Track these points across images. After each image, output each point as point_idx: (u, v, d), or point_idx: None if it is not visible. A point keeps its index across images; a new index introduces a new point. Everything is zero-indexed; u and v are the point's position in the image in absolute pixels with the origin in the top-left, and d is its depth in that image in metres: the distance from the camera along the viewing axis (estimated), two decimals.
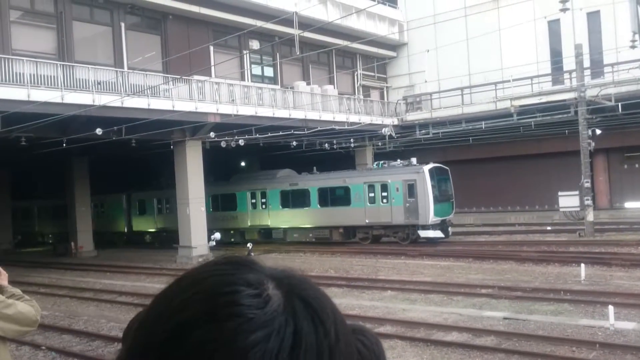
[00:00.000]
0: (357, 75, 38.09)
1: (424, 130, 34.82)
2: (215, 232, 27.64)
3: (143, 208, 37.16)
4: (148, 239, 36.82)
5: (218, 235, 27.48)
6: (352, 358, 0.68)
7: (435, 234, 26.46)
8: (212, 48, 28.00)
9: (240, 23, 27.56)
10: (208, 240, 26.90)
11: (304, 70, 34.14)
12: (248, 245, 25.96)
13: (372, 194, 27.90)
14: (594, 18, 33.42)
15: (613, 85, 28.70)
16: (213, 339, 0.61)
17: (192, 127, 25.20)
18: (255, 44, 31.35)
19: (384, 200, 27.51)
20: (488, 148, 34.15)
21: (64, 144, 22.71)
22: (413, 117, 36.35)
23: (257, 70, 32.14)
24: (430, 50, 36.25)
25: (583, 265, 16.47)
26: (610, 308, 11.26)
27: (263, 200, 31.63)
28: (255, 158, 39.73)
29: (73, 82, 21.00)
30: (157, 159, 30.98)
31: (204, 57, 27.63)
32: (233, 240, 31.69)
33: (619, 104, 27.33)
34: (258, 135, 26.20)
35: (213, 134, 25.41)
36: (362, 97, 36.15)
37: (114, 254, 31.54)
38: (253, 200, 32.00)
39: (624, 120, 28.62)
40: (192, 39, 26.86)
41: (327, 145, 31.63)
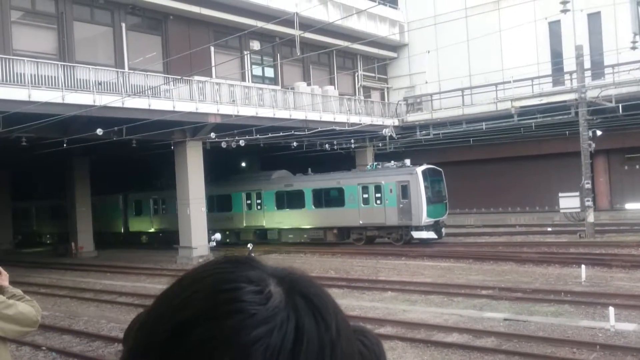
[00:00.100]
0: (357, 76, 38.11)
1: (425, 131, 34.83)
2: (216, 232, 27.63)
3: (139, 209, 37.29)
4: (144, 240, 36.92)
5: (218, 236, 27.46)
6: (353, 354, 0.68)
7: (428, 235, 26.51)
8: (212, 48, 28.01)
9: (241, 24, 27.59)
10: (208, 241, 26.89)
11: (305, 71, 34.16)
12: (248, 246, 25.95)
13: (366, 195, 27.96)
14: (595, 19, 33.42)
15: (614, 87, 28.73)
16: (214, 336, 0.61)
17: (192, 127, 25.19)
18: (256, 45, 31.37)
19: (378, 202, 27.56)
20: (488, 149, 34.13)
21: (65, 145, 22.73)
22: (414, 118, 36.37)
23: (257, 71, 32.17)
24: (431, 51, 36.26)
25: (583, 267, 16.45)
26: (611, 309, 11.25)
27: (258, 201, 31.74)
28: (256, 158, 39.74)
29: (74, 82, 21.01)
30: (157, 160, 30.97)
31: (205, 57, 27.64)
32: (228, 241, 31.72)
33: (620, 105, 27.38)
34: (258, 136, 26.22)
35: (214, 135, 25.44)
36: (362, 97, 36.18)
37: (115, 255, 31.52)
38: (248, 201, 32.12)
39: (625, 122, 28.64)
40: (192, 40, 26.87)
41: (327, 146, 31.65)
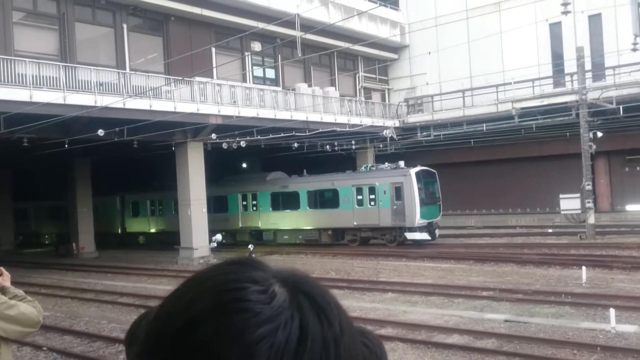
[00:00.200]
0: (358, 77, 38.13)
1: (426, 132, 34.83)
2: (217, 233, 27.60)
3: (137, 210, 37.32)
4: (142, 240, 36.95)
5: (219, 237, 27.37)
6: (357, 353, 0.69)
7: (422, 236, 26.56)
8: (213, 50, 28.02)
9: (242, 25, 27.60)
10: (209, 242, 26.87)
11: (306, 72, 34.19)
12: (249, 247, 25.93)
13: (360, 197, 28.03)
14: (596, 21, 33.42)
15: (614, 88, 28.72)
16: (220, 334, 0.62)
17: (193, 128, 25.21)
18: (257, 46, 31.39)
19: (372, 203, 27.63)
20: (489, 150, 34.12)
21: (66, 145, 22.77)
22: (414, 119, 36.37)
23: (258, 72, 32.19)
24: (432, 53, 36.24)
25: (584, 268, 16.43)
26: (612, 311, 11.24)
27: (254, 203, 31.86)
28: (257, 159, 39.76)
29: (75, 83, 21.04)
30: (157, 161, 30.98)
31: (206, 58, 27.66)
32: (224, 242, 31.75)
33: (620, 107, 27.35)
34: (259, 137, 26.26)
35: (215, 136, 25.46)
36: (363, 99, 36.20)
37: (115, 255, 31.53)
38: (244, 203, 32.23)
39: (626, 123, 28.62)
40: (194, 41, 26.89)
41: (328, 147, 31.67)
